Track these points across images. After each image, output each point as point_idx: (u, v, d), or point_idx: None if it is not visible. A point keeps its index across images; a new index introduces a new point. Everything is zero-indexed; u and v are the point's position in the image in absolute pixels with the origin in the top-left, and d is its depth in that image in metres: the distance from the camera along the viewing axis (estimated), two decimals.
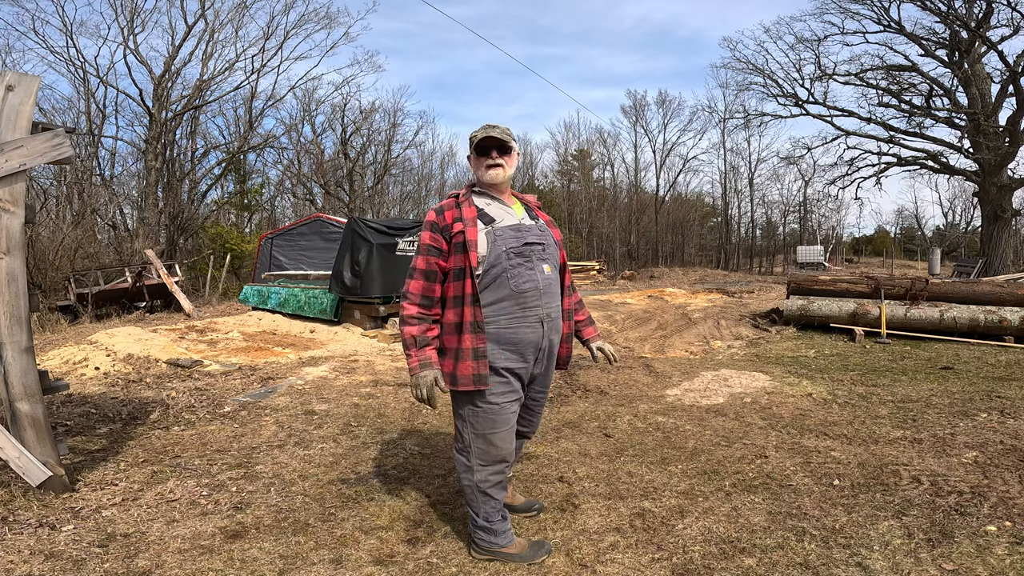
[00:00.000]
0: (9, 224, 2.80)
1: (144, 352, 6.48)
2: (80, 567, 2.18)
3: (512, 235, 2.18)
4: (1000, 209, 19.05)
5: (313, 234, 15.35)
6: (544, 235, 2.26)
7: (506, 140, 2.20)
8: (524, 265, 2.15)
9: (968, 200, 39.41)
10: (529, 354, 2.19)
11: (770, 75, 24.22)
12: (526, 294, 2.13)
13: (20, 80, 2.85)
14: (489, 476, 2.22)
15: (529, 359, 2.20)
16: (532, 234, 2.22)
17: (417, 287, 2.16)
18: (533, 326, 2.16)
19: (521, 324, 2.14)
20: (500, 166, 2.20)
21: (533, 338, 2.17)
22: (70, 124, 16.66)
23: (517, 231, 2.19)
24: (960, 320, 7.37)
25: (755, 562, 2.18)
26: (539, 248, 2.21)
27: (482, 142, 2.19)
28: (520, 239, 2.18)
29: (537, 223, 2.29)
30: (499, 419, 2.17)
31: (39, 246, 14.92)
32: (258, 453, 3.50)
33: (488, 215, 2.19)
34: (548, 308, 2.19)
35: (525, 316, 2.14)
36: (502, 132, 2.20)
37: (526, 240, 2.19)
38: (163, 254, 17.13)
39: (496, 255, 2.13)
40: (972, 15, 18.28)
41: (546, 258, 2.22)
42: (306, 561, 2.25)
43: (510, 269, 2.13)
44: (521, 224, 2.22)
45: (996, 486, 2.78)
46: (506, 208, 2.25)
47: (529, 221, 2.27)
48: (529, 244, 2.19)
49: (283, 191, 30.89)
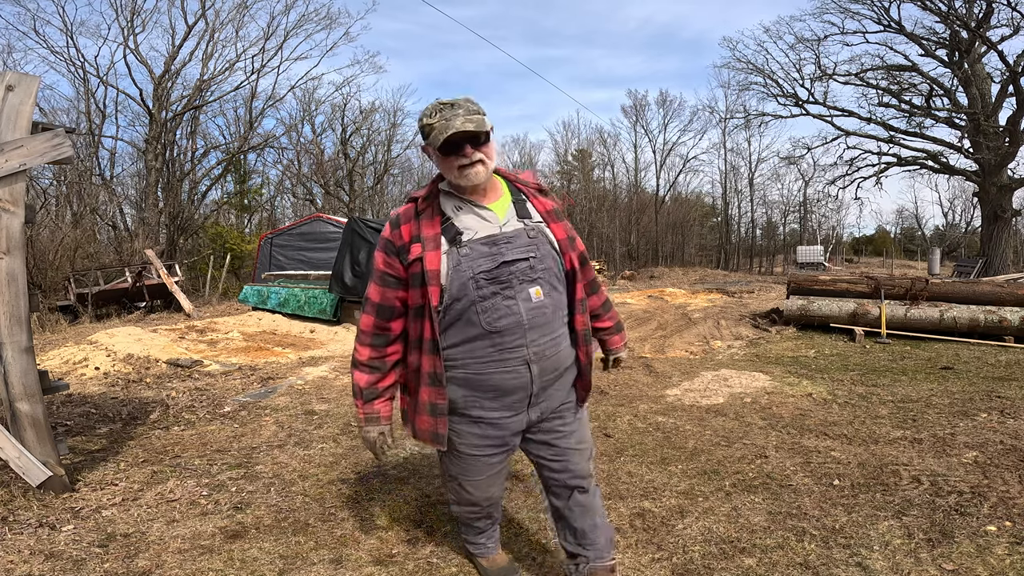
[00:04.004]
0: (9, 224, 2.80)
1: (144, 352, 6.48)
2: (80, 567, 2.18)
3: (484, 253, 1.62)
4: (1000, 209, 19.04)
5: (313, 234, 15.34)
6: (535, 241, 1.67)
7: (481, 130, 1.57)
8: (500, 294, 1.61)
9: (968, 200, 39.39)
10: (515, 402, 1.70)
11: (770, 75, 24.21)
12: (503, 333, 1.61)
13: (20, 80, 2.85)
14: (464, 512, 2.04)
15: (516, 407, 1.71)
16: (515, 247, 1.64)
17: (368, 324, 1.75)
18: (516, 370, 1.65)
19: (499, 369, 1.64)
20: (478, 163, 1.60)
21: (516, 384, 1.67)
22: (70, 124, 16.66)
23: (492, 246, 1.62)
24: (960, 320, 7.36)
25: (755, 562, 2.18)
26: (523, 266, 1.63)
27: (449, 140, 1.56)
28: (495, 258, 1.61)
29: (528, 223, 1.70)
30: (471, 468, 1.81)
31: (39, 246, 14.91)
32: (258, 453, 3.50)
33: (454, 227, 1.65)
34: (539, 345, 1.65)
35: (504, 359, 1.63)
36: (471, 119, 1.56)
37: (504, 259, 1.61)
38: (163, 254, 17.13)
39: (460, 284, 1.60)
40: (972, 15, 18.27)
41: (535, 278, 1.65)
42: (306, 561, 2.25)
43: (480, 302, 1.60)
44: (498, 235, 1.65)
45: (996, 486, 2.78)
46: (481, 212, 1.67)
47: (515, 224, 1.68)
48: (508, 264, 1.62)
49: (283, 191, 30.90)
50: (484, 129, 1.58)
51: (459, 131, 1.54)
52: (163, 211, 21.47)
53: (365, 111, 30.11)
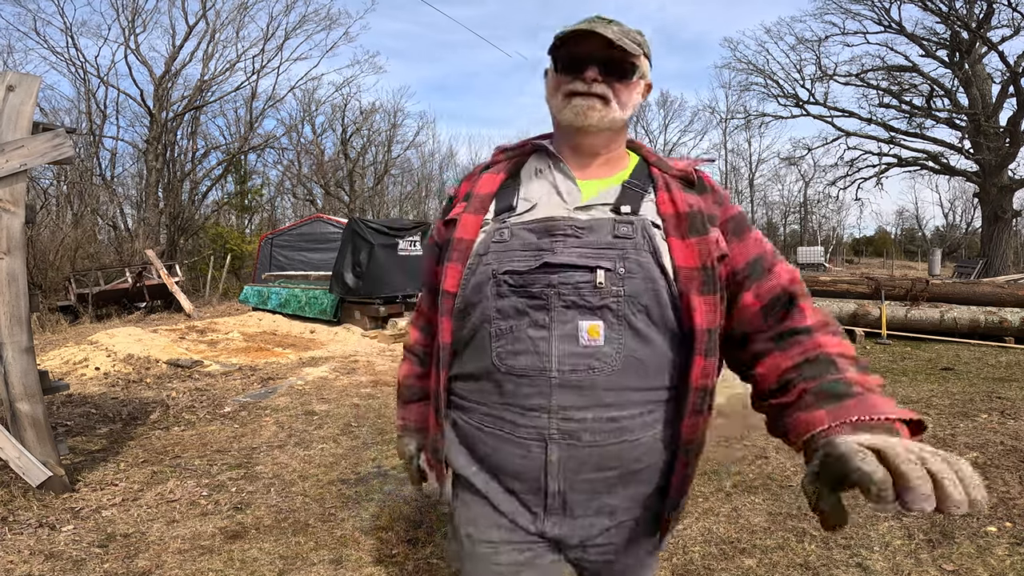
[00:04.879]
0: (9, 224, 2.80)
1: (144, 352, 6.48)
2: (80, 567, 2.18)
3: (526, 243, 0.98)
4: (1000, 210, 19.04)
5: (313, 234, 15.35)
6: (626, 248, 0.95)
7: (623, 46, 0.96)
8: (528, 316, 0.96)
9: (968, 201, 39.38)
10: (523, 492, 1.01)
11: (771, 75, 24.25)
12: (518, 379, 0.97)
13: (21, 80, 2.85)
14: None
15: (526, 502, 1.01)
16: (578, 245, 0.96)
17: (423, 303, 1.25)
18: (525, 446, 0.98)
19: (505, 433, 0.99)
20: (598, 97, 0.98)
21: (521, 467, 0.99)
22: (71, 124, 16.68)
23: (544, 235, 0.98)
24: (960, 321, 7.36)
25: (755, 563, 2.18)
26: (579, 280, 0.94)
27: (572, 45, 0.98)
28: (538, 255, 0.96)
29: (627, 218, 0.97)
30: (474, 555, 1.07)
31: (39, 246, 14.92)
32: (258, 453, 3.50)
33: (513, 193, 1.04)
34: (575, 420, 0.95)
35: (514, 423, 0.98)
36: (617, 30, 0.97)
37: (549, 259, 0.95)
38: (163, 254, 17.14)
39: (477, 284, 1.00)
40: (973, 16, 18.29)
41: (598, 305, 0.94)
42: (306, 561, 2.25)
43: (496, 320, 0.98)
44: (561, 221, 0.98)
45: (996, 487, 2.78)
46: (564, 182, 1.02)
47: (601, 211, 0.99)
48: (552, 269, 0.95)
49: (283, 191, 30.92)
50: (628, 49, 0.96)
51: (589, 30, 0.95)
52: (163, 211, 21.49)
53: (365, 111, 30.16)
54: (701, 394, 0.95)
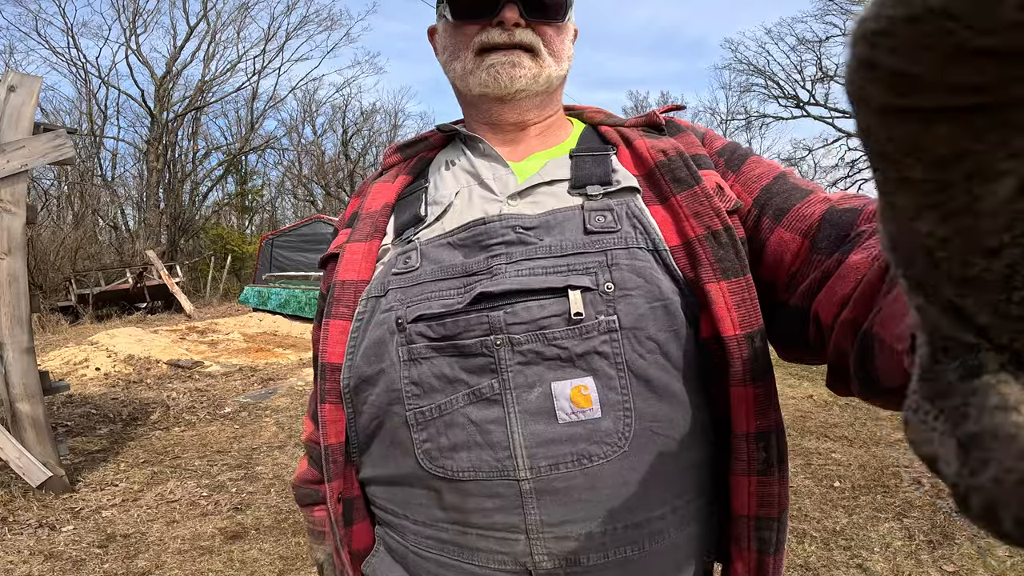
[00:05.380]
0: (10, 225, 2.80)
1: (145, 353, 6.49)
2: (80, 567, 2.19)
3: (445, 264, 0.63)
4: None
5: (314, 235, 15.36)
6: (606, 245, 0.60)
7: None
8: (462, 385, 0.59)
9: None
10: None
11: (771, 76, 24.28)
12: (463, 486, 0.58)
13: (22, 81, 2.85)
14: None
15: None
16: (525, 258, 0.60)
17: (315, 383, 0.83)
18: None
19: (462, 568, 0.60)
20: (522, 50, 0.68)
21: None
22: (72, 125, 16.70)
23: (471, 247, 0.63)
24: None
25: None
26: (544, 318, 0.57)
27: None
28: (466, 283, 0.61)
29: (599, 199, 0.63)
30: None
31: (40, 247, 14.94)
32: (258, 454, 3.50)
33: (420, 200, 0.72)
34: (569, 537, 0.56)
35: (474, 548, 0.59)
36: None
37: (479, 288, 0.59)
38: (164, 255, 17.16)
39: (373, 342, 0.63)
40: None
41: (582, 353, 0.56)
42: (306, 562, 2.25)
43: (410, 398, 0.60)
44: (493, 218, 0.63)
45: None
46: (487, 166, 0.70)
47: (557, 197, 0.65)
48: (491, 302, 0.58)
49: (284, 192, 30.95)
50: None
51: None
52: (164, 212, 21.53)
53: (366, 112, 30.20)
54: (753, 442, 0.58)
